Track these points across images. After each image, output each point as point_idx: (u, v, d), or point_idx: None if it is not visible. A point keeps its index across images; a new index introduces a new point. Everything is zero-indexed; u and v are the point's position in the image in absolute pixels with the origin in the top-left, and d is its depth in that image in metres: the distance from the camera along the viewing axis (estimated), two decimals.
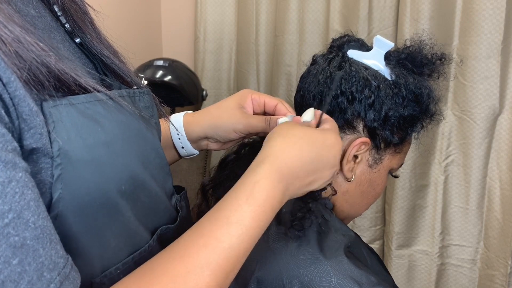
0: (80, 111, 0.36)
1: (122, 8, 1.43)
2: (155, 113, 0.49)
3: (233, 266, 0.40)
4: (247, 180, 0.44)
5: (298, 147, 0.47)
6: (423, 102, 0.62)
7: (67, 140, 0.34)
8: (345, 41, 0.66)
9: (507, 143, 1.20)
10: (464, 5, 1.18)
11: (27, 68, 0.32)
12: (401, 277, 1.38)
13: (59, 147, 0.33)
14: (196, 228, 0.41)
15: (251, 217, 0.41)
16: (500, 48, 1.15)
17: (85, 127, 0.36)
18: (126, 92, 0.44)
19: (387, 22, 1.31)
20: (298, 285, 0.52)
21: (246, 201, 0.42)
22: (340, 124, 0.61)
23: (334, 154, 0.50)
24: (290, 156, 0.46)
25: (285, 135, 0.48)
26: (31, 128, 0.32)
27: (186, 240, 0.40)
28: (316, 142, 0.48)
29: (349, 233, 0.61)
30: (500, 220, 1.23)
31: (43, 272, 0.29)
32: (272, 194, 0.43)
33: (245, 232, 0.41)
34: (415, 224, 1.36)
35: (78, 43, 0.45)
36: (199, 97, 1.42)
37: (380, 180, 0.66)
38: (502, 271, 1.23)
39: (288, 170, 0.45)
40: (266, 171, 0.44)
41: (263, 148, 0.48)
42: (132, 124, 0.42)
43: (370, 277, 0.52)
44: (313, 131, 0.49)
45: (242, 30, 1.56)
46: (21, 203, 0.28)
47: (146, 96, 0.48)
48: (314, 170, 0.48)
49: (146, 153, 0.43)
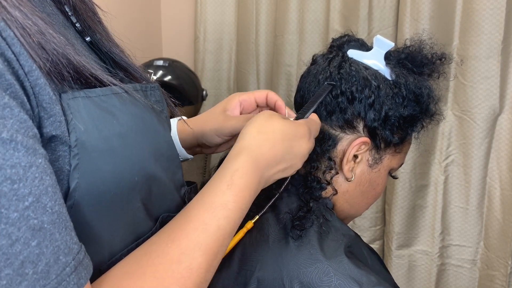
0: (96, 103, 0.38)
1: (122, 8, 1.43)
2: (165, 108, 0.51)
3: (220, 246, 0.43)
4: (227, 169, 0.47)
5: (272, 140, 0.51)
6: (423, 102, 0.62)
7: (84, 131, 0.35)
8: (345, 41, 0.66)
9: (507, 143, 1.20)
10: (464, 5, 1.18)
11: (49, 59, 0.33)
12: (401, 277, 1.38)
13: (76, 137, 0.35)
14: (185, 214, 0.43)
15: (233, 200, 0.44)
16: (500, 48, 1.15)
17: (101, 119, 0.37)
18: (140, 86, 0.46)
19: (387, 22, 1.31)
20: (298, 285, 0.52)
21: (228, 187, 0.45)
22: (340, 124, 0.61)
23: (304, 145, 0.54)
24: (264, 149, 0.50)
25: (260, 130, 0.51)
26: (50, 116, 0.33)
27: (176, 225, 0.42)
28: (288, 135, 0.52)
29: (349, 233, 0.61)
30: (500, 220, 1.23)
31: (59, 255, 0.30)
32: (250, 180, 0.47)
33: (230, 214, 0.44)
34: (415, 224, 1.36)
35: (88, 42, 0.46)
36: (199, 97, 1.42)
37: (380, 180, 0.66)
38: (502, 271, 1.23)
39: (263, 161, 0.49)
40: (243, 161, 0.48)
41: (240, 139, 0.51)
42: (145, 117, 0.43)
43: (371, 277, 0.52)
44: (286, 124, 0.53)
45: (242, 30, 1.56)
46: (40, 188, 0.29)
47: (156, 91, 0.50)
48: (285, 160, 0.52)
49: (158, 145, 0.45)
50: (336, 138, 0.62)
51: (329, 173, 0.62)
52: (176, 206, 0.50)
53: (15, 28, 0.32)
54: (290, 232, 0.57)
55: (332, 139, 0.62)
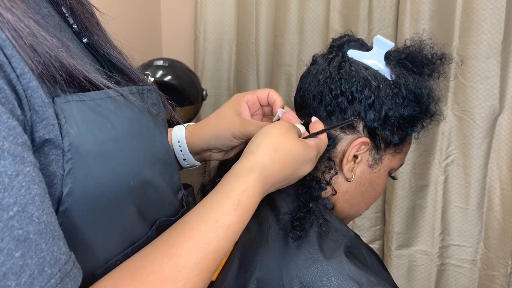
0: (90, 107, 0.37)
1: (122, 8, 1.43)
2: (161, 110, 0.51)
3: (217, 265, 0.42)
4: (237, 186, 0.46)
5: (283, 162, 0.51)
6: (423, 102, 0.62)
7: (78, 136, 0.35)
8: (345, 41, 0.66)
9: (507, 143, 1.20)
10: (464, 5, 1.18)
11: (41, 62, 0.33)
12: (401, 277, 1.38)
13: (70, 141, 0.34)
14: (185, 227, 0.42)
15: (237, 222, 0.44)
16: (500, 48, 1.15)
17: (95, 123, 0.37)
18: (136, 89, 0.45)
19: (387, 22, 1.31)
20: (298, 285, 0.52)
21: (234, 207, 0.44)
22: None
23: (308, 168, 0.55)
24: (275, 170, 0.50)
25: (276, 148, 0.51)
26: (43, 120, 0.32)
27: (175, 239, 0.41)
28: (298, 159, 0.53)
29: (349, 233, 0.61)
30: (500, 220, 1.23)
31: (44, 267, 0.30)
32: (255, 201, 0.47)
33: (231, 235, 0.43)
34: (415, 224, 1.36)
35: (85, 43, 0.46)
36: (199, 97, 1.42)
37: (380, 180, 0.66)
38: (502, 271, 1.23)
39: (270, 181, 0.50)
40: (254, 181, 0.47)
41: (253, 151, 0.50)
42: (141, 120, 0.43)
43: (370, 277, 0.52)
44: (300, 148, 0.53)
45: (242, 30, 1.56)
46: (26, 197, 0.29)
47: (153, 93, 0.49)
48: (288, 180, 0.53)
49: (154, 149, 0.44)
50: (336, 138, 0.62)
51: (329, 173, 0.62)
52: (173, 210, 0.50)
53: (6, 30, 0.31)
54: (290, 232, 0.57)
55: (332, 139, 0.62)
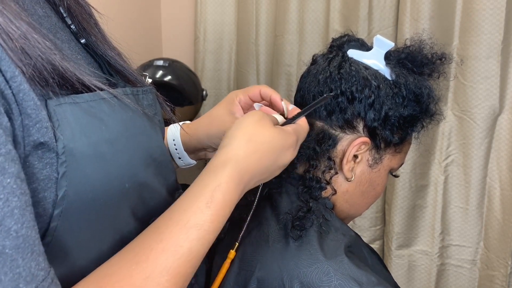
0: (84, 109, 0.36)
1: (122, 8, 1.43)
2: (158, 111, 0.50)
3: (191, 269, 0.40)
4: (209, 182, 0.43)
5: (260, 152, 0.48)
6: (423, 101, 0.62)
7: (72, 138, 0.35)
8: (345, 40, 0.66)
9: (507, 143, 1.20)
10: (464, 5, 1.18)
11: (32, 64, 0.32)
12: (401, 277, 1.38)
13: (64, 144, 0.34)
14: (154, 231, 0.40)
15: (210, 220, 0.41)
16: (500, 48, 1.15)
17: (89, 125, 0.36)
18: (130, 90, 0.45)
19: (387, 22, 1.31)
20: (298, 285, 0.52)
21: (206, 204, 0.41)
22: (340, 124, 0.61)
23: (289, 156, 0.52)
24: (252, 162, 0.47)
25: (250, 138, 0.48)
26: (36, 123, 0.32)
27: (144, 243, 0.39)
28: (277, 147, 0.50)
29: (349, 233, 0.61)
30: (500, 220, 1.23)
31: (19, 283, 0.28)
32: (231, 197, 0.44)
33: (204, 235, 0.40)
34: (415, 224, 1.36)
35: (83, 44, 0.46)
36: (199, 97, 1.42)
37: (380, 180, 0.66)
38: (502, 271, 1.23)
39: (248, 174, 0.46)
40: (229, 175, 0.44)
41: (227, 144, 0.48)
42: (136, 122, 0.42)
43: (371, 277, 0.52)
44: (276, 135, 0.50)
45: (242, 30, 1.56)
46: (4, 210, 0.28)
47: (149, 94, 0.49)
48: (269, 171, 0.50)
49: (150, 150, 0.44)
50: (336, 138, 0.62)
51: (329, 173, 0.62)
52: None
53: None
54: (290, 232, 0.57)
55: (332, 139, 0.62)
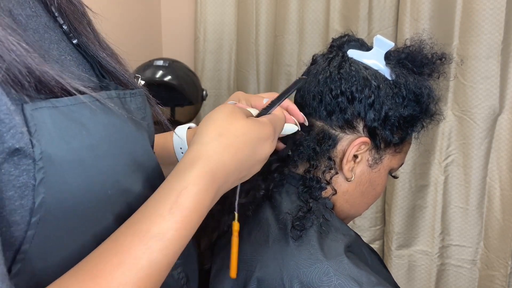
0: (64, 113, 0.35)
1: (122, 8, 1.43)
2: (147, 115, 0.47)
3: (155, 284, 0.37)
4: (173, 186, 0.40)
5: (234, 146, 0.44)
6: (423, 102, 0.62)
7: (50, 143, 0.33)
8: (345, 40, 0.66)
9: (507, 143, 1.20)
10: (464, 5, 1.18)
11: (4, 67, 0.31)
12: (401, 277, 1.38)
13: (41, 150, 0.32)
14: (110, 243, 0.37)
15: (174, 229, 0.37)
16: (500, 48, 1.15)
17: (69, 130, 0.35)
18: (116, 93, 0.42)
19: (387, 22, 1.31)
20: (298, 285, 0.52)
21: (170, 211, 0.38)
22: (340, 124, 0.61)
23: (267, 148, 0.48)
24: (225, 158, 0.43)
25: (221, 132, 0.44)
26: (10, 128, 0.31)
27: (100, 257, 0.36)
28: (252, 139, 0.46)
29: (349, 233, 0.61)
30: (500, 220, 1.23)
31: None
32: (202, 200, 0.40)
33: (168, 245, 0.37)
34: (415, 224, 1.36)
35: (75, 44, 0.44)
36: (199, 97, 1.42)
37: (380, 180, 0.66)
38: (502, 271, 1.23)
39: (222, 172, 0.42)
40: (196, 175, 0.40)
41: (197, 141, 0.44)
42: (120, 126, 0.40)
43: (371, 277, 0.52)
44: (249, 126, 0.46)
45: (242, 30, 1.56)
46: None
47: (138, 97, 0.46)
48: (247, 167, 0.46)
49: (135, 156, 0.41)
50: (336, 138, 0.62)
51: (329, 173, 0.62)
52: None
53: None
54: (290, 232, 0.57)
55: (332, 139, 0.62)
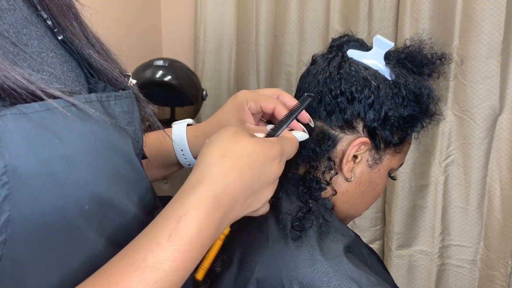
0: (33, 121, 0.31)
1: (122, 8, 1.43)
2: (135, 119, 0.43)
3: None
4: (173, 211, 0.37)
5: (239, 169, 0.41)
6: (423, 102, 0.62)
7: (16, 155, 0.30)
8: (345, 40, 0.66)
9: (507, 143, 1.20)
10: (464, 5, 1.18)
11: None
12: (401, 277, 1.38)
13: (5, 163, 0.29)
14: (103, 273, 0.34)
15: (172, 258, 0.34)
16: (500, 48, 1.15)
17: (39, 139, 0.31)
18: (96, 97, 0.38)
19: (387, 22, 1.31)
20: (297, 285, 0.52)
21: (168, 238, 0.35)
22: (339, 124, 0.61)
23: (275, 169, 0.44)
24: (230, 180, 0.40)
25: (225, 153, 0.41)
26: None
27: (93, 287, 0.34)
28: (258, 159, 0.43)
29: (349, 233, 0.61)
30: (500, 220, 1.23)
31: None
32: (204, 227, 0.37)
33: (164, 277, 0.34)
34: (415, 224, 1.36)
35: (60, 40, 0.40)
36: (199, 97, 1.42)
37: (380, 180, 0.66)
38: (502, 271, 1.23)
39: (227, 196, 0.39)
40: (198, 200, 0.38)
41: (199, 163, 0.42)
42: (99, 134, 0.36)
43: (370, 278, 0.52)
44: (255, 146, 0.43)
45: (242, 30, 1.56)
46: None
47: (124, 99, 0.42)
48: (254, 191, 0.42)
49: (116, 166, 0.38)
50: (335, 138, 0.62)
51: (329, 173, 0.62)
52: None
53: None
54: (290, 232, 0.57)
55: (331, 139, 0.62)
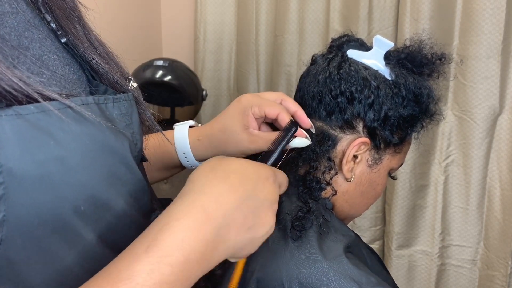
0: (29, 122, 0.32)
1: (122, 8, 1.43)
2: (134, 122, 0.43)
3: None
4: (156, 223, 0.36)
5: (230, 181, 0.40)
6: (423, 102, 0.62)
7: (11, 156, 0.30)
8: (344, 40, 0.66)
9: (507, 143, 1.20)
10: (464, 5, 1.18)
11: None
12: (401, 277, 1.38)
13: (1, 164, 0.30)
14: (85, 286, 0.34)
15: (147, 271, 0.33)
16: (500, 48, 1.15)
17: (35, 140, 0.32)
18: (93, 99, 0.38)
19: (387, 22, 1.31)
20: (297, 285, 0.52)
21: (146, 249, 0.34)
22: (339, 124, 0.61)
23: (270, 188, 0.43)
24: (221, 191, 0.39)
25: (213, 167, 0.41)
26: None
27: None
28: (250, 175, 0.42)
29: (349, 233, 0.61)
30: (500, 220, 1.23)
31: None
32: (189, 238, 0.35)
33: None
34: (415, 224, 1.36)
35: (64, 43, 0.41)
36: (199, 97, 1.42)
37: (380, 180, 0.66)
38: (502, 271, 1.23)
39: (217, 207, 0.38)
40: (183, 210, 0.36)
41: (187, 182, 0.41)
42: (95, 136, 0.36)
43: (370, 278, 0.52)
44: (245, 162, 0.43)
45: (242, 30, 1.56)
46: None
47: (123, 102, 0.42)
48: (252, 209, 0.40)
49: (112, 168, 0.38)
50: (335, 138, 0.62)
51: (329, 173, 0.62)
52: None
53: None
54: (290, 232, 0.57)
55: (331, 139, 0.62)
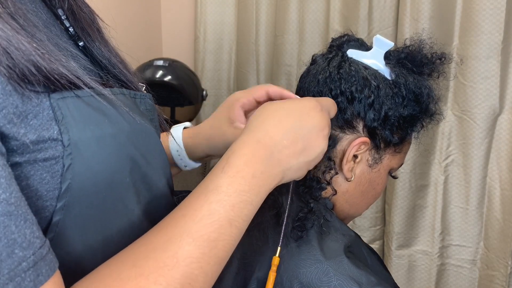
0: (86, 103, 0.37)
1: (122, 8, 1.43)
2: (155, 118, 0.50)
3: (217, 233, 0.39)
4: (221, 160, 0.44)
5: (276, 118, 0.47)
6: (423, 101, 0.62)
7: (76, 131, 0.35)
8: (344, 40, 0.66)
9: (507, 143, 1.20)
10: (464, 5, 1.18)
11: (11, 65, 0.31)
12: (401, 277, 1.38)
13: (69, 137, 0.34)
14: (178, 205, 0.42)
15: (228, 183, 0.41)
16: (500, 48, 1.15)
17: (93, 118, 0.37)
18: (127, 92, 0.44)
19: (387, 22, 1.31)
20: (298, 285, 0.52)
21: (222, 170, 0.42)
22: (339, 124, 0.61)
23: (317, 116, 0.49)
24: (268, 126, 0.46)
25: (261, 113, 0.49)
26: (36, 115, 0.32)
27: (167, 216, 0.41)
28: (294, 109, 0.49)
29: (349, 233, 0.61)
30: (500, 220, 1.23)
31: (14, 249, 0.28)
32: (249, 161, 0.43)
33: (223, 198, 0.40)
34: (415, 224, 1.36)
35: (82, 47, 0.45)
36: (199, 97, 1.42)
37: (380, 180, 0.66)
38: (502, 271, 1.23)
39: (269, 139, 0.45)
40: (242, 143, 0.45)
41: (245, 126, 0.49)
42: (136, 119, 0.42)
43: (370, 277, 0.52)
44: (288, 101, 0.50)
45: (242, 30, 1.56)
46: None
47: (148, 100, 0.48)
48: (300, 135, 0.48)
49: (149, 148, 0.43)
50: (335, 138, 0.62)
51: (329, 173, 0.62)
52: None
53: None
54: (290, 233, 0.57)
55: (331, 139, 0.62)
